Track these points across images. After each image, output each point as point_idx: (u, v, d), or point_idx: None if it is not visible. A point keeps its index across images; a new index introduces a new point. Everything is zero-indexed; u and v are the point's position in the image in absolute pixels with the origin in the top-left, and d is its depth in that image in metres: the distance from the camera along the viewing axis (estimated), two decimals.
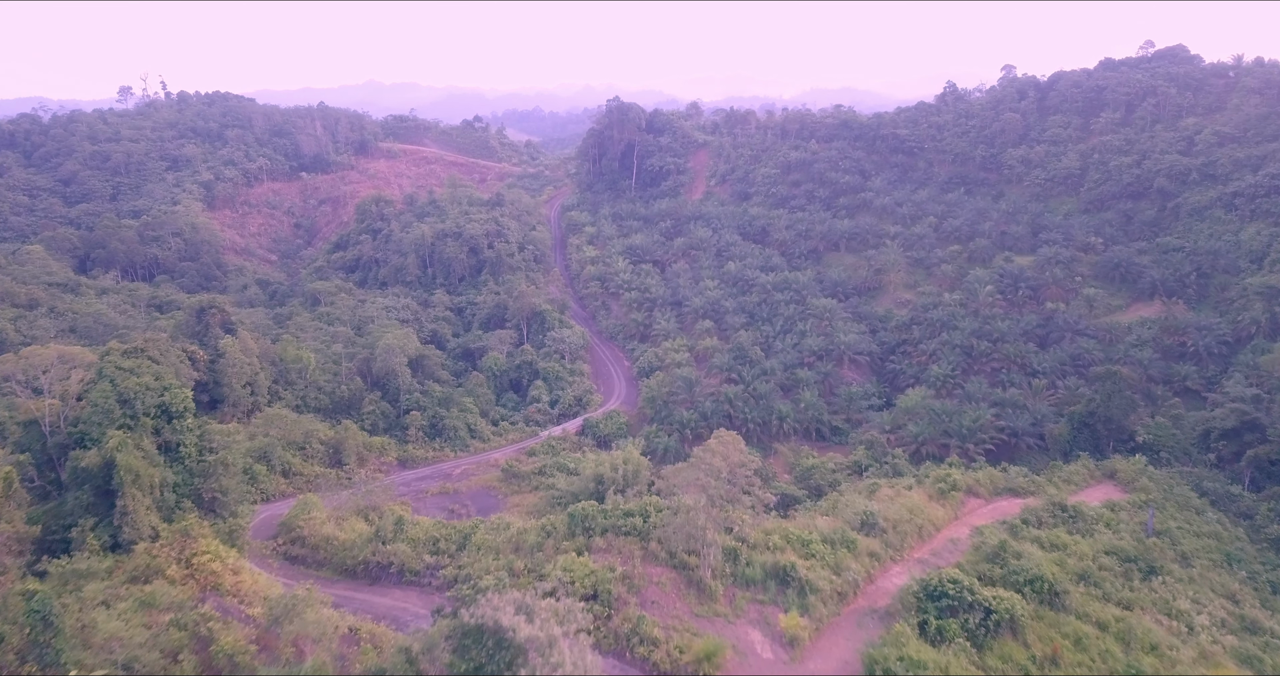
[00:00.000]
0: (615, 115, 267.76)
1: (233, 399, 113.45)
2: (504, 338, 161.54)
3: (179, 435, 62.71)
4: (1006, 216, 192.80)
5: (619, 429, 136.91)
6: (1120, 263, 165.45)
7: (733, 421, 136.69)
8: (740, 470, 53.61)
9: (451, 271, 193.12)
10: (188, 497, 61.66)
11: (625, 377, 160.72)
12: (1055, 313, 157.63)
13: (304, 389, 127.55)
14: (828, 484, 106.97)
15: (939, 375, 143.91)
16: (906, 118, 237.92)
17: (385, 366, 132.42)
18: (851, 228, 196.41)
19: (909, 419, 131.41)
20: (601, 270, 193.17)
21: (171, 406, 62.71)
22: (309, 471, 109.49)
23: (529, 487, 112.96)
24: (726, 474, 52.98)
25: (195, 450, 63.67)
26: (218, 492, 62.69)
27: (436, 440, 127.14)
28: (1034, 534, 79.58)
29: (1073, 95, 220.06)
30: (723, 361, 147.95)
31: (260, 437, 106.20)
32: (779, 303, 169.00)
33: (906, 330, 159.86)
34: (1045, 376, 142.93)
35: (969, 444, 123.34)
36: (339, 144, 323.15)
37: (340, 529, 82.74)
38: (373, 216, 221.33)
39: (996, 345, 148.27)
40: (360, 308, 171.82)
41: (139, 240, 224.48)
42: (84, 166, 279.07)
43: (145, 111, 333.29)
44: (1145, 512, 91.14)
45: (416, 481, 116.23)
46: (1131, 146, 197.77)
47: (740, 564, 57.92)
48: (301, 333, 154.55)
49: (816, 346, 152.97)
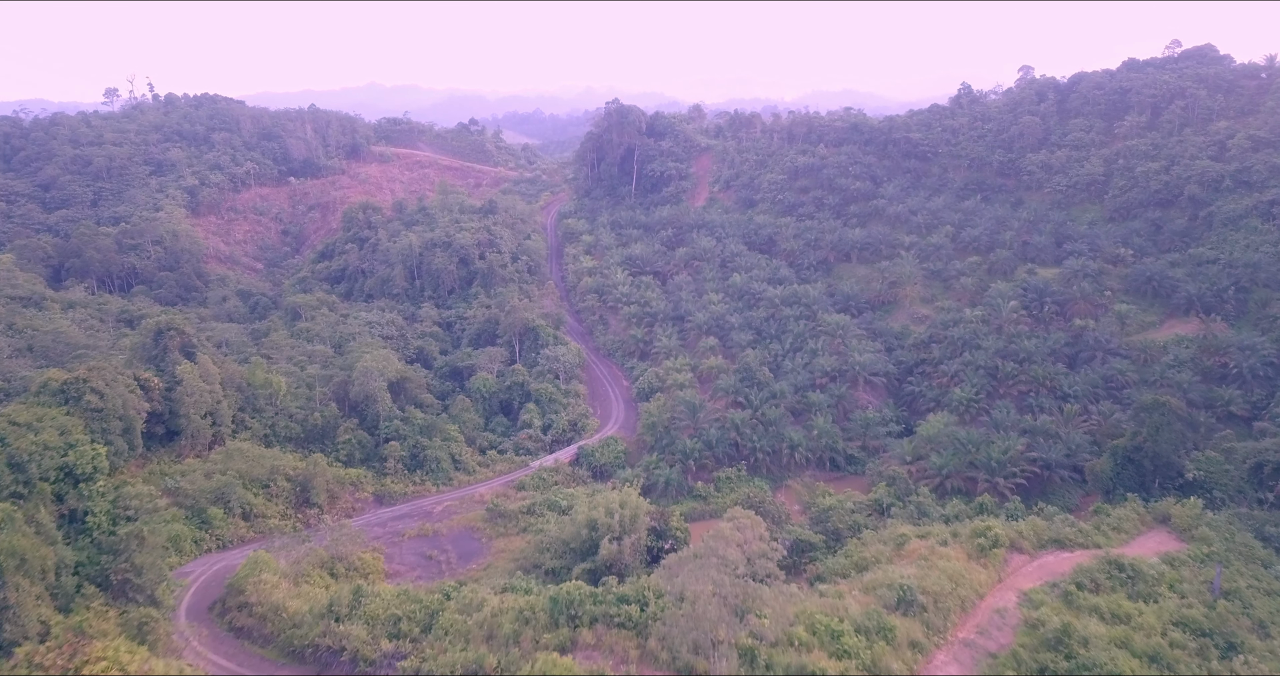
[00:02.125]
0: (614, 118, 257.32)
1: (191, 431, 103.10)
2: (494, 356, 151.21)
3: (87, 502, 52.61)
4: (1027, 225, 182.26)
5: (616, 458, 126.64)
6: (1152, 276, 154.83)
7: (739, 450, 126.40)
8: (762, 562, 43.13)
9: (440, 283, 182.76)
10: (94, 580, 51.30)
11: (624, 399, 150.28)
12: (1084, 330, 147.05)
13: (273, 417, 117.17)
14: (847, 527, 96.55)
15: (962, 399, 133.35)
16: (919, 121, 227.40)
17: (363, 391, 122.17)
18: (863, 237, 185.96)
19: (931, 448, 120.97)
20: (599, 282, 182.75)
21: (77, 468, 52.59)
22: (272, 512, 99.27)
23: (515, 529, 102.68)
24: (745, 567, 42.53)
25: (107, 519, 53.49)
26: (130, 573, 52.31)
27: (417, 472, 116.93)
28: (1091, 601, 69.23)
29: (1095, 97, 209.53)
30: (728, 383, 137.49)
31: (218, 476, 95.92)
32: (788, 318, 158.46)
33: (925, 349, 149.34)
34: (1077, 400, 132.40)
35: (999, 478, 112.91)
36: (330, 147, 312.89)
37: (296, 591, 72.42)
38: (359, 224, 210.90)
39: (1023, 366, 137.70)
40: (342, 323, 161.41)
41: (116, 249, 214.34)
42: (64, 171, 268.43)
43: (131, 114, 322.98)
44: (1208, 567, 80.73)
45: (394, 520, 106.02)
46: (1159, 151, 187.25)
47: (758, 667, 47.38)
48: (276, 351, 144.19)
49: (829, 366, 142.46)
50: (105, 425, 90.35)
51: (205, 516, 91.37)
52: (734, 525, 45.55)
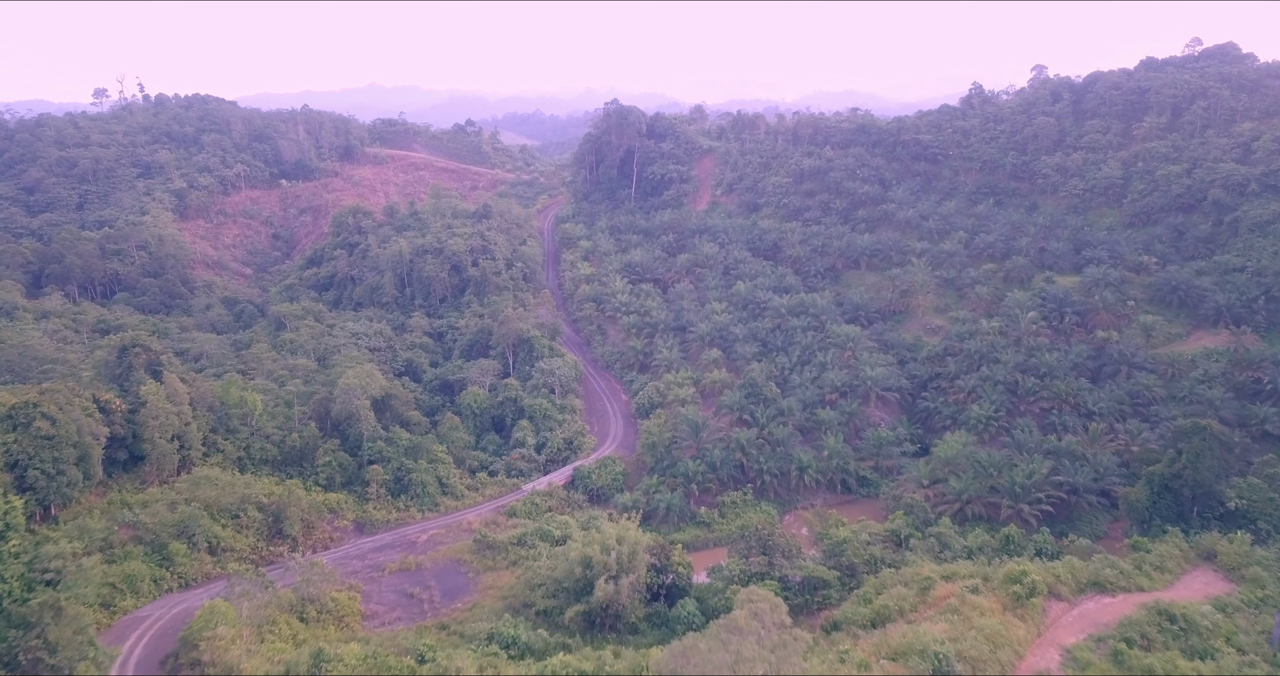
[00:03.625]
0: (614, 119, 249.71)
1: (155, 456, 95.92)
2: (486, 368, 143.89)
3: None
4: (1044, 231, 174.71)
5: (614, 480, 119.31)
6: (1178, 285, 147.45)
7: (745, 472, 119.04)
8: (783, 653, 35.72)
9: (432, 291, 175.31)
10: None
11: (622, 415, 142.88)
12: (1108, 343, 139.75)
13: (248, 438, 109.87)
14: (863, 562, 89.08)
15: (980, 417, 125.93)
16: (929, 122, 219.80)
17: (345, 409, 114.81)
18: (873, 243, 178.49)
19: (950, 471, 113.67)
20: (597, 290, 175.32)
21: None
22: (242, 545, 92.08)
23: (505, 562, 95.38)
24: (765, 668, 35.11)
25: (19, 585, 46.19)
26: (42, 652, 44.95)
27: (401, 497, 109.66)
28: (1142, 660, 61.76)
29: (1112, 98, 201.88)
30: (733, 400, 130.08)
31: (183, 506, 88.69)
32: (795, 329, 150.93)
33: (940, 362, 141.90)
34: (1102, 418, 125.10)
35: (1023, 504, 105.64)
36: (323, 149, 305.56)
37: (257, 647, 65.14)
38: (349, 229, 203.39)
39: (1044, 381, 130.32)
40: (328, 334, 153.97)
41: (99, 254, 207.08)
42: (49, 173, 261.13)
43: (119, 115, 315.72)
44: (1264, 613, 73.29)
45: (374, 552, 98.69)
46: (1180, 154, 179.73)
47: None
48: (257, 365, 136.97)
49: (839, 381, 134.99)
50: (57, 454, 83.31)
51: (166, 552, 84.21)
52: (749, 611, 38.25)
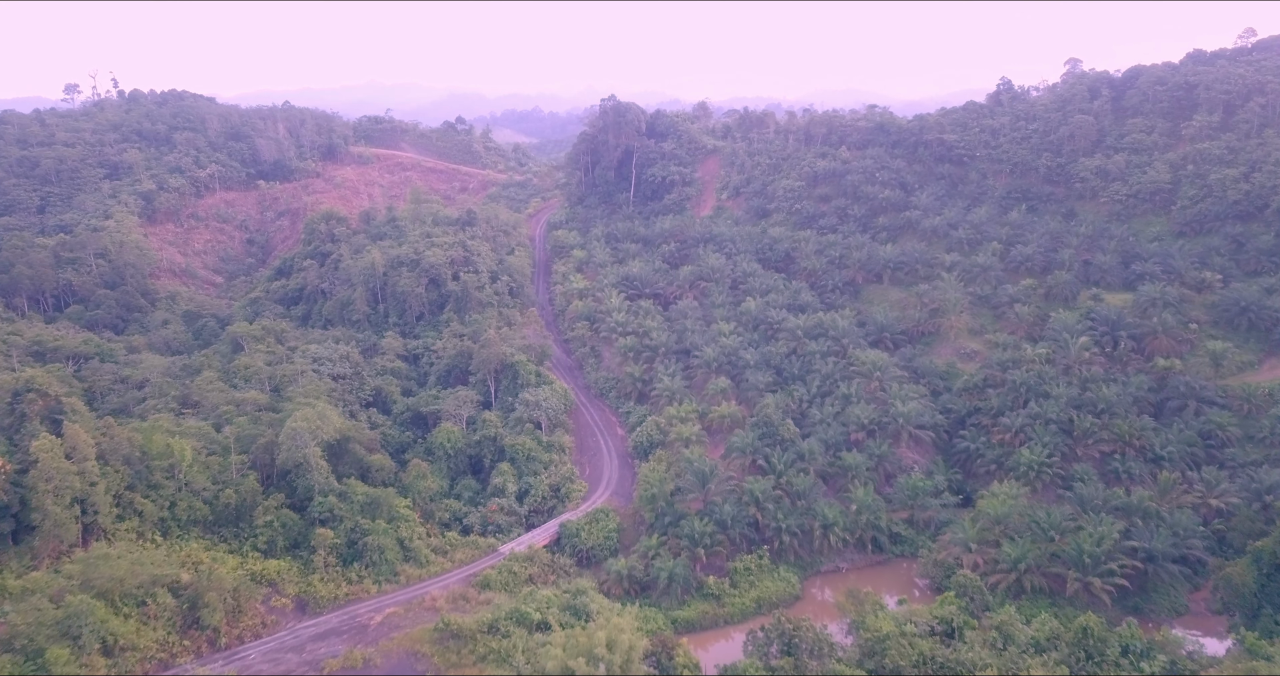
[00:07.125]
0: (611, 117, 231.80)
1: (48, 527, 79.11)
2: (464, 399, 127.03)
3: None
4: (1087, 242, 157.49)
5: (607, 539, 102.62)
6: (1247, 305, 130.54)
7: (760, 531, 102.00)
8: None
9: (407, 308, 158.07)
10: None
11: (618, 453, 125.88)
12: (1170, 372, 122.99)
13: (173, 494, 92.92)
14: (910, 664, 72.17)
15: (1032, 462, 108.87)
16: (954, 120, 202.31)
17: (292, 457, 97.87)
18: (896, 254, 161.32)
19: (1001, 532, 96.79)
20: (591, 307, 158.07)
21: None
22: (146, 642, 75.29)
23: (472, 657, 78.61)
24: None
25: None
26: None
27: (354, 565, 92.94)
28: None
29: (1156, 94, 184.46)
30: (745, 441, 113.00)
31: (71, 596, 71.70)
32: (813, 354, 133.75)
33: (979, 394, 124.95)
34: (1172, 465, 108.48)
35: (1093, 577, 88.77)
36: (304, 148, 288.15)
37: None
38: (321, 237, 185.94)
39: (1104, 420, 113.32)
40: (287, 360, 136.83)
41: (53, 263, 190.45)
42: (9, 174, 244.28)
43: (89, 112, 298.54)
44: None
45: (315, 640, 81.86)
46: (1236, 156, 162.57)
47: None
48: (203, 397, 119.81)
49: (866, 417, 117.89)
50: None
51: (42, 661, 67.36)
52: None
